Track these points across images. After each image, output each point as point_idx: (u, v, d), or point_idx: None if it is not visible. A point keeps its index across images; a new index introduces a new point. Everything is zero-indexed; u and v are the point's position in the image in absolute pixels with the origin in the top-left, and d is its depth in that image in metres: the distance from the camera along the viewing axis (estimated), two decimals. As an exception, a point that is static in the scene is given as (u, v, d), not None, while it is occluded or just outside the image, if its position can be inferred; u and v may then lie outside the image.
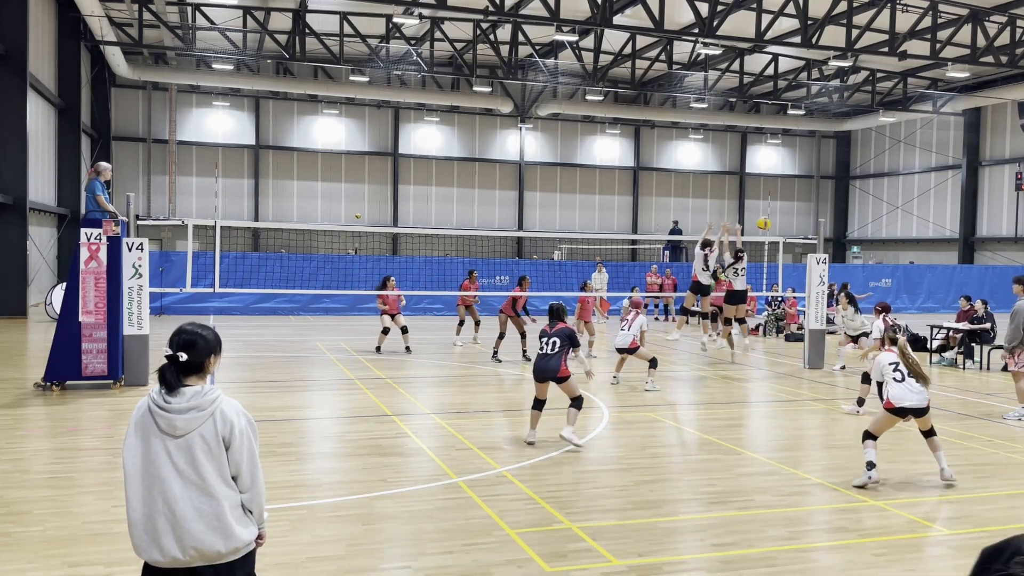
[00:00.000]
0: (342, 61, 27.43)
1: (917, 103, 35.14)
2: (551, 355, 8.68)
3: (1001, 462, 8.52)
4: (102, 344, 11.76)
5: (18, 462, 7.78)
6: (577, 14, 23.98)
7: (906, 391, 7.37)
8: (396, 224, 36.52)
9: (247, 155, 35.49)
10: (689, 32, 23.95)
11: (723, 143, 42.30)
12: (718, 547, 5.84)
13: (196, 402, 3.24)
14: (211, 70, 30.72)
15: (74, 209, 27.62)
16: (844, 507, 6.83)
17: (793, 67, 32.40)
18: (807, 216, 43.46)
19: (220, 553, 3.21)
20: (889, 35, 23.96)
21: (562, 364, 8.66)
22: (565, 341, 8.72)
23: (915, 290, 31.93)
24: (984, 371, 15.53)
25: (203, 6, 26.13)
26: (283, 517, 6.21)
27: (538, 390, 8.87)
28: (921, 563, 5.64)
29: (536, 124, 38.70)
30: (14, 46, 22.52)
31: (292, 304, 25.51)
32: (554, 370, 8.64)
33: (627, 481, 7.46)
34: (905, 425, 7.87)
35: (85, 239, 11.70)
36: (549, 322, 9.02)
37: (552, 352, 8.68)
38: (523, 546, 5.74)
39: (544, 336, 8.85)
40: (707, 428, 10.08)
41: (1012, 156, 35.74)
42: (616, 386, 12.85)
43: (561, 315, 9.06)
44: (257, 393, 11.86)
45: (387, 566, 5.42)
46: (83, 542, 5.68)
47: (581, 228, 39.34)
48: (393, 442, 8.90)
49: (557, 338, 8.71)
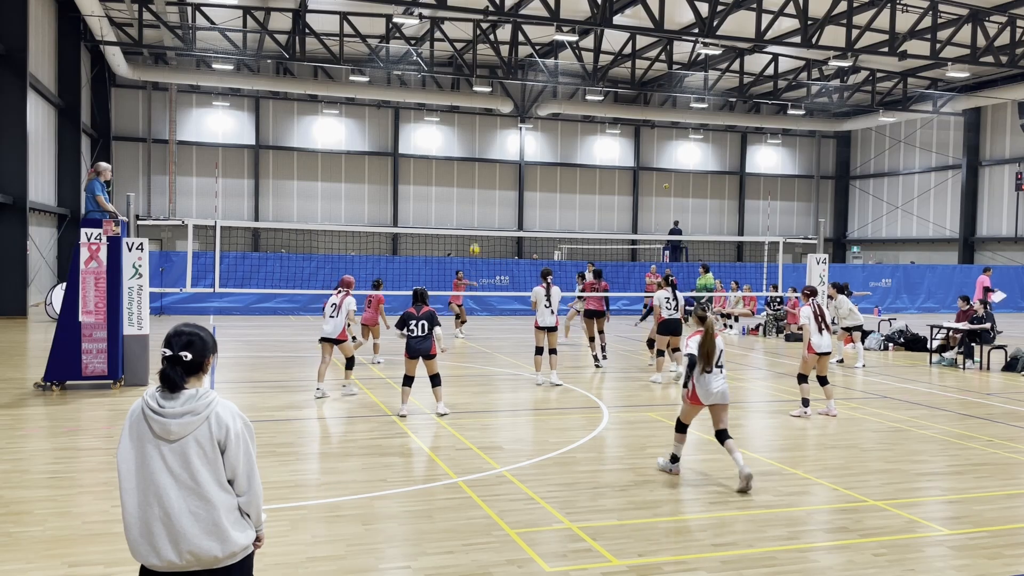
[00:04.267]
0: (342, 61, 27.43)
1: (917, 103, 35.14)
2: (423, 336, 9.91)
3: (1001, 462, 8.51)
4: (102, 344, 11.76)
5: (18, 462, 7.78)
6: (577, 14, 23.99)
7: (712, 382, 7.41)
8: (396, 224, 36.52)
9: (247, 155, 35.49)
10: (689, 32, 23.95)
11: (723, 143, 42.31)
12: (718, 547, 5.84)
13: (191, 406, 3.20)
14: (211, 70, 30.72)
15: (74, 209, 27.63)
16: (844, 507, 6.83)
17: (793, 67, 32.41)
18: (807, 216, 43.47)
19: (217, 558, 3.19)
20: (889, 35, 23.97)
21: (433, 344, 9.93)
22: (431, 323, 9.94)
23: (915, 290, 31.93)
24: (984, 371, 15.52)
25: (203, 6, 26.14)
26: (283, 517, 6.21)
27: (409, 367, 10.07)
28: (921, 563, 5.64)
29: (536, 124, 38.70)
30: (14, 46, 22.53)
31: (292, 304, 25.50)
32: (427, 349, 9.95)
33: (627, 481, 7.46)
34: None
35: (85, 239, 11.71)
36: (414, 305, 10.07)
37: (423, 334, 9.91)
38: (523, 546, 5.74)
39: (413, 319, 9.93)
40: (707, 428, 10.05)
41: (1012, 156, 35.74)
42: (615, 386, 12.84)
43: (425, 299, 10.17)
44: (257, 393, 11.86)
45: (387, 566, 5.42)
46: (83, 542, 5.68)
47: (581, 228, 39.34)
48: (393, 442, 8.90)
49: (425, 320, 9.92)
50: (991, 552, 5.85)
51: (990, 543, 6.04)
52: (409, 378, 10.15)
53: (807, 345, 10.84)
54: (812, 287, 11.78)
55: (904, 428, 10.15)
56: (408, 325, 9.96)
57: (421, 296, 10.17)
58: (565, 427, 9.90)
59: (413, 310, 10.03)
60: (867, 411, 11.19)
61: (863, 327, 16.57)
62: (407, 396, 10.21)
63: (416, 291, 10.22)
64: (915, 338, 18.97)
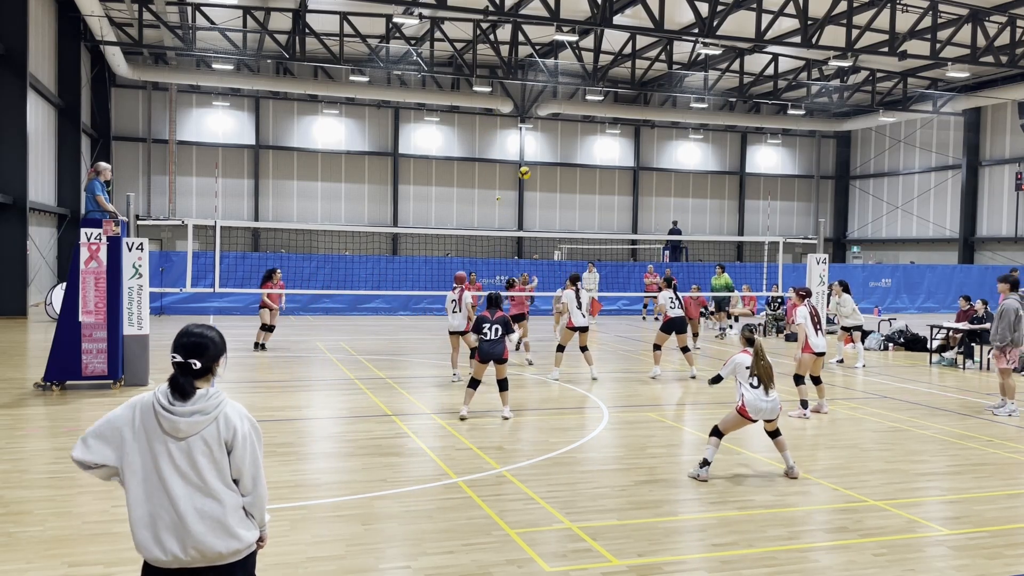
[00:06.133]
0: (342, 61, 27.43)
1: (917, 103, 35.14)
2: (496, 340, 9.87)
3: (1001, 462, 8.52)
4: (102, 344, 11.76)
5: (18, 462, 7.78)
6: (577, 14, 23.99)
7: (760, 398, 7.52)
8: (396, 224, 36.53)
9: (247, 155, 35.48)
10: (689, 32, 23.95)
11: (723, 143, 42.31)
12: (718, 547, 5.84)
13: (201, 405, 3.22)
14: (211, 70, 30.72)
15: (74, 209, 27.63)
16: (844, 507, 6.83)
17: (793, 67, 32.40)
18: (807, 216, 43.47)
19: (221, 554, 3.22)
20: (889, 35, 23.97)
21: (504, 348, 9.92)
22: (504, 327, 9.94)
23: (915, 290, 31.93)
24: (984, 371, 15.52)
25: (203, 6, 26.13)
26: (283, 517, 6.21)
27: (478, 371, 10.02)
28: (921, 563, 5.64)
29: (536, 124, 38.70)
30: (14, 46, 22.53)
31: (292, 304, 25.49)
32: (499, 353, 9.90)
33: (627, 481, 7.46)
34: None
35: (85, 239, 11.71)
36: (488, 309, 10.16)
37: (496, 337, 9.88)
38: (523, 546, 5.74)
39: (486, 322, 9.95)
40: (707, 428, 10.06)
41: (1012, 156, 35.74)
42: (615, 386, 12.84)
43: (499, 303, 10.24)
44: (257, 393, 11.87)
45: (387, 566, 5.42)
46: (83, 542, 5.67)
47: (581, 228, 39.34)
48: (393, 442, 8.90)
49: (499, 324, 9.91)
50: (991, 552, 5.85)
51: (990, 543, 6.04)
52: (476, 381, 10.11)
53: (803, 345, 10.86)
54: (807, 288, 11.77)
55: (904, 428, 10.16)
56: (481, 329, 9.98)
57: (495, 301, 10.29)
58: (565, 427, 9.90)
59: (487, 314, 10.09)
60: (867, 411, 11.19)
61: (863, 327, 16.57)
62: (471, 398, 10.14)
63: (490, 295, 10.40)
64: (915, 338, 18.97)
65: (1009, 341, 10.96)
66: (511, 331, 10.01)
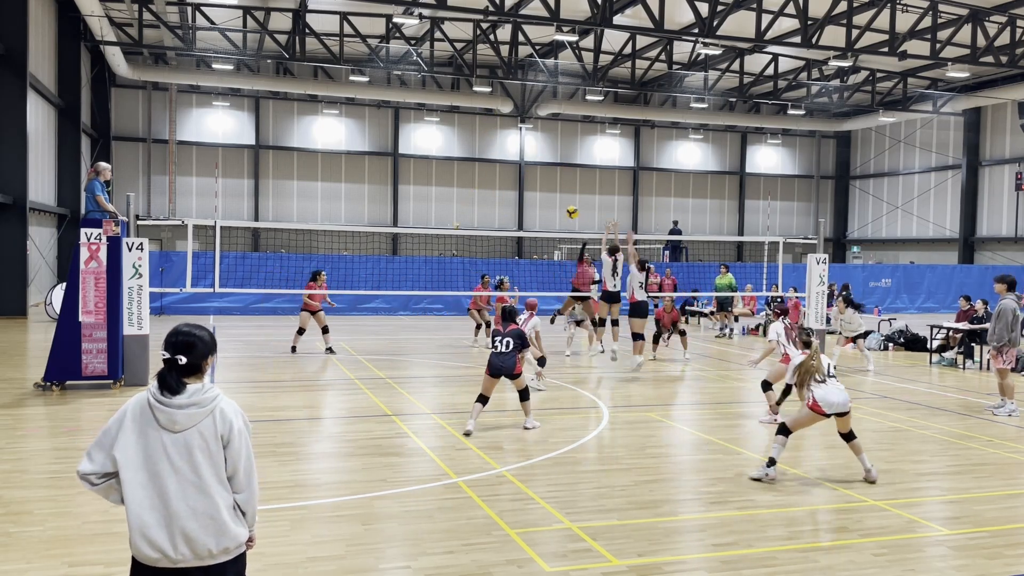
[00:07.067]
0: (342, 61, 27.43)
1: (917, 103, 35.14)
2: (506, 353, 9.41)
3: (1001, 462, 8.52)
4: (102, 344, 11.76)
5: (18, 462, 7.78)
6: (577, 14, 23.98)
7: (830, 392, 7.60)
8: (396, 224, 36.52)
9: (247, 155, 35.48)
10: (689, 32, 23.95)
11: (723, 143, 42.30)
12: (718, 547, 5.84)
13: (197, 398, 3.25)
14: (211, 70, 30.71)
15: (74, 209, 27.61)
16: (844, 507, 6.83)
17: (793, 67, 32.40)
18: (807, 216, 43.46)
19: (211, 552, 3.22)
20: (889, 35, 23.96)
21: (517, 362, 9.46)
22: (517, 341, 9.47)
23: (915, 290, 31.93)
24: (984, 371, 15.51)
25: (203, 6, 26.13)
26: (283, 517, 6.21)
27: (487, 386, 9.45)
28: (921, 563, 5.64)
29: (536, 124, 38.70)
30: (14, 46, 22.52)
31: (292, 304, 25.46)
32: (511, 368, 9.40)
33: (627, 481, 7.46)
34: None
35: (85, 239, 11.71)
36: (502, 323, 9.75)
37: (508, 351, 9.41)
38: (523, 546, 5.74)
39: (498, 336, 9.53)
40: (707, 428, 10.08)
41: (1012, 156, 35.73)
42: (616, 386, 12.84)
43: (513, 316, 9.84)
44: (257, 393, 11.86)
45: (387, 566, 5.42)
46: (83, 542, 5.68)
47: (581, 228, 39.32)
48: (393, 442, 8.90)
49: (511, 338, 9.46)
50: (991, 552, 5.85)
51: (990, 543, 6.04)
52: (484, 397, 9.43)
53: (782, 356, 10.47)
54: (784, 307, 11.61)
55: (904, 428, 10.16)
56: (493, 342, 9.66)
57: (509, 314, 9.85)
58: (565, 427, 9.90)
59: (500, 327, 9.71)
60: (867, 411, 11.19)
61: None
62: (478, 413, 9.38)
63: (504, 309, 9.94)
64: (915, 338, 18.97)
65: (1006, 341, 10.97)
66: (525, 345, 9.63)
